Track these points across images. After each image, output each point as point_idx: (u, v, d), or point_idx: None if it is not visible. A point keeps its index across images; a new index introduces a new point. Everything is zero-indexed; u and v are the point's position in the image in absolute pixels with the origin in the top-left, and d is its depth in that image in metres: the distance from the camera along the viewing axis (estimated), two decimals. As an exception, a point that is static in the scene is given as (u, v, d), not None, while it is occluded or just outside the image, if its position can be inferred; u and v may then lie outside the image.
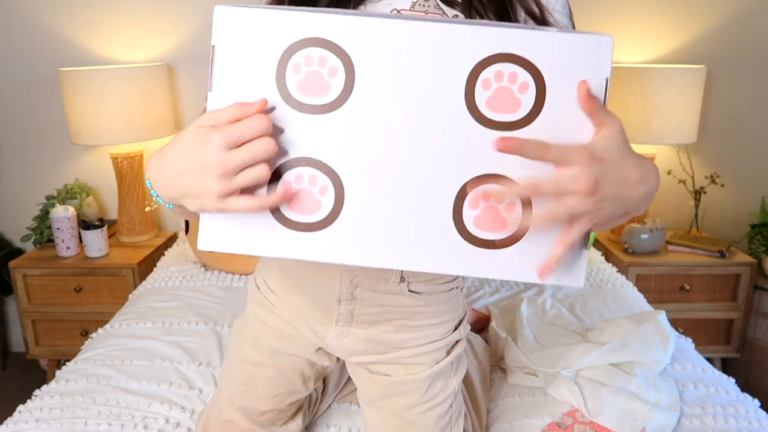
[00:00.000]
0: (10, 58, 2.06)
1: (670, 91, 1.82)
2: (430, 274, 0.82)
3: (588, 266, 1.83)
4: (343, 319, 0.84)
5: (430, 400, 0.86)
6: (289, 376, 0.91)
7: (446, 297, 0.86)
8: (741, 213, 2.20)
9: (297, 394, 0.94)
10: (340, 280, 0.80)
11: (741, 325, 1.98)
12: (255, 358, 0.91)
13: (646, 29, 2.05)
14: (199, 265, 1.80)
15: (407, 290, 0.82)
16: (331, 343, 0.86)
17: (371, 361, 0.87)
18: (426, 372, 0.85)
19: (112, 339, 1.36)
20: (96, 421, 1.06)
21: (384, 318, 0.84)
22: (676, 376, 1.22)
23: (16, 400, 1.30)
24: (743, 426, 1.07)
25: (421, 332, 0.85)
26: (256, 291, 0.92)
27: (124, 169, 1.99)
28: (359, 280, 0.80)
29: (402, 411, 0.87)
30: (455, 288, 0.87)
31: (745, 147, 2.14)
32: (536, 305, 1.46)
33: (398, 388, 0.86)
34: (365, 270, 0.79)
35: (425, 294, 0.83)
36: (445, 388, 0.87)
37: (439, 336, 0.86)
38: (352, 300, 0.82)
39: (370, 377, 0.89)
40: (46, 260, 1.93)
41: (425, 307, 0.84)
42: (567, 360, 1.18)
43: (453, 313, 0.88)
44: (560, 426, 1.06)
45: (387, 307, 0.83)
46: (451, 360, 0.87)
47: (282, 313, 0.88)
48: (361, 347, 0.86)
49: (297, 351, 0.90)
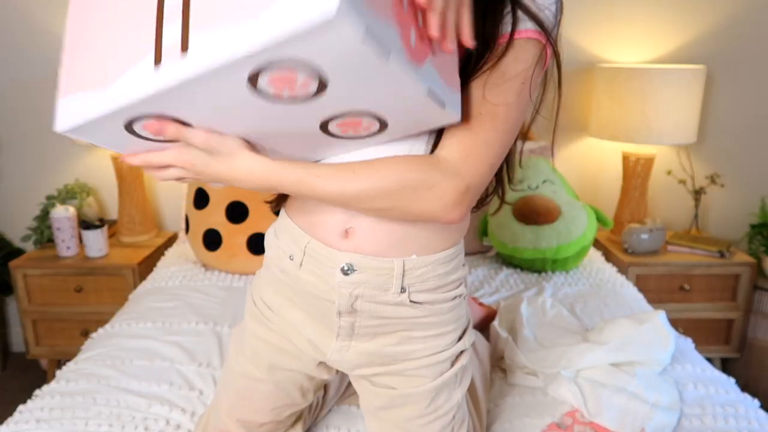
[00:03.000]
0: (10, 58, 2.06)
1: (670, 91, 1.82)
2: (432, 284, 0.80)
3: (588, 266, 1.83)
4: (344, 332, 0.82)
5: (433, 412, 0.85)
6: (288, 390, 0.91)
7: (449, 306, 0.83)
8: (741, 213, 2.20)
9: (296, 407, 0.94)
10: (340, 293, 0.78)
11: (741, 325, 1.98)
12: (253, 373, 0.90)
13: (646, 29, 2.05)
14: (199, 265, 1.80)
15: (408, 300, 0.79)
16: (333, 358, 0.85)
17: (374, 374, 0.86)
18: (430, 384, 0.83)
19: (112, 339, 1.36)
20: (96, 421, 1.06)
21: (385, 330, 0.82)
22: (676, 376, 1.22)
23: (16, 400, 1.30)
24: (743, 426, 1.07)
25: (425, 343, 0.83)
26: (253, 306, 0.91)
27: (124, 169, 1.99)
28: (359, 292, 0.78)
29: (404, 423, 0.86)
30: (458, 297, 0.84)
31: (745, 147, 2.14)
32: (536, 305, 1.46)
33: (401, 400, 0.85)
34: (365, 282, 0.77)
35: (427, 304, 0.80)
36: (449, 400, 0.86)
37: (443, 347, 0.84)
38: (353, 312, 0.80)
39: (372, 389, 0.88)
40: (46, 260, 1.93)
41: (428, 317, 0.81)
42: (567, 360, 1.18)
43: (456, 323, 0.85)
44: (560, 426, 1.06)
45: (388, 318, 0.80)
46: (456, 371, 0.85)
47: (280, 329, 0.87)
48: (363, 360, 0.84)
49: (296, 366, 0.89)
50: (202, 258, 1.77)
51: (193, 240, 1.78)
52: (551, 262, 1.75)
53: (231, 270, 1.75)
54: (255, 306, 0.91)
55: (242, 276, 1.74)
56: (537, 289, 1.64)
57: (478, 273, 1.77)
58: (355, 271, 0.76)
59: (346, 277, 0.77)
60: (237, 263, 1.73)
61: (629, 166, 2.01)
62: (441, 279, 0.80)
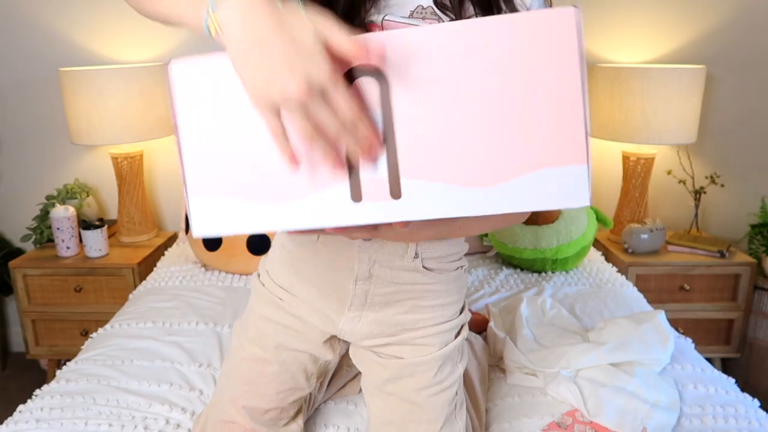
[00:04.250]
0: (10, 58, 2.06)
1: (670, 91, 1.82)
2: (440, 252, 0.86)
3: (588, 266, 1.83)
4: (357, 301, 0.86)
5: (439, 383, 0.88)
6: (293, 372, 0.93)
7: (454, 276, 0.89)
8: (741, 213, 2.20)
9: (300, 391, 0.95)
10: (359, 258, 0.83)
11: (741, 325, 1.98)
12: (259, 355, 0.92)
13: (646, 29, 2.05)
14: (199, 265, 1.80)
15: (421, 266, 0.85)
16: (344, 329, 0.88)
17: (383, 344, 0.89)
18: (436, 353, 0.87)
19: (112, 339, 1.36)
20: (96, 421, 1.06)
21: (397, 298, 0.86)
22: (675, 376, 1.22)
23: (16, 400, 1.30)
24: (743, 426, 1.07)
25: (432, 312, 0.88)
26: (261, 288, 0.94)
27: (124, 169, 1.99)
28: (377, 257, 0.83)
29: (411, 394, 0.88)
30: (460, 268, 0.91)
31: (745, 147, 2.14)
32: (536, 305, 1.46)
33: (408, 369, 0.88)
34: (383, 246, 0.82)
35: (436, 271, 0.86)
36: (453, 372, 0.90)
37: (447, 317, 0.89)
38: (369, 278, 0.84)
39: (379, 361, 0.90)
40: (46, 260, 1.93)
41: (436, 284, 0.87)
42: (567, 360, 1.18)
43: (458, 295, 0.91)
44: (560, 426, 1.06)
45: (401, 285, 0.85)
46: (458, 344, 0.90)
47: (290, 306, 0.90)
48: (374, 330, 0.88)
49: (303, 346, 0.92)
50: (202, 258, 1.77)
51: (193, 240, 1.78)
52: (551, 262, 1.75)
53: (231, 270, 1.75)
54: (263, 286, 0.93)
55: (242, 276, 1.74)
56: (537, 289, 1.64)
57: (478, 273, 1.77)
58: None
59: (366, 242, 0.82)
60: (237, 263, 1.73)
61: (629, 166, 2.01)
62: (447, 249, 0.87)
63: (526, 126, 0.52)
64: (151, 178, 2.18)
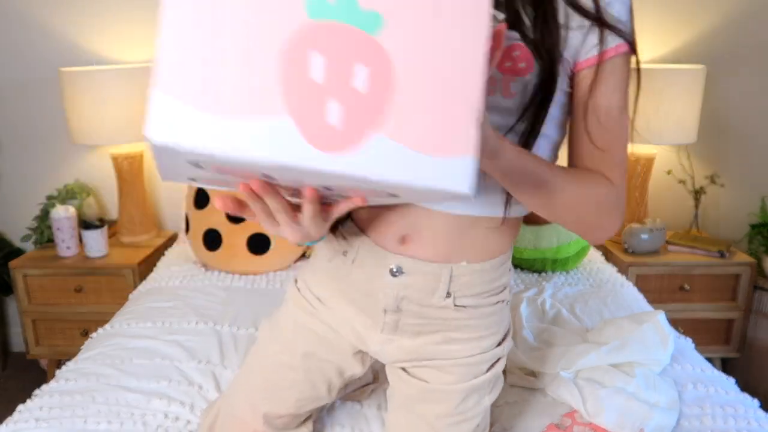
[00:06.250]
0: (10, 58, 2.06)
1: (670, 91, 1.82)
2: (478, 289, 0.80)
3: (588, 266, 1.83)
4: (389, 327, 0.83)
5: (461, 413, 0.85)
6: (315, 382, 0.91)
7: (492, 310, 0.83)
8: (741, 213, 2.20)
9: (318, 401, 0.93)
10: (385, 293, 0.80)
11: (741, 325, 1.98)
12: (285, 360, 0.90)
13: (646, 29, 2.05)
14: (199, 265, 1.80)
15: (453, 305, 0.80)
16: (374, 349, 0.86)
17: (412, 365, 0.87)
18: (462, 385, 0.84)
19: (112, 339, 1.36)
20: (95, 419, 1.07)
21: (429, 329, 0.83)
22: (675, 376, 1.21)
23: (16, 400, 1.30)
24: (743, 426, 1.07)
25: (467, 345, 0.83)
26: (297, 294, 0.91)
27: (124, 169, 1.99)
28: (405, 293, 0.79)
29: (432, 419, 0.85)
30: (501, 302, 0.84)
31: (745, 147, 2.14)
32: (536, 305, 1.46)
33: (432, 395, 0.85)
34: (411, 284, 0.79)
35: (471, 308, 0.81)
36: (478, 404, 0.86)
37: (482, 349, 0.84)
38: (398, 311, 0.81)
39: (404, 378, 0.88)
40: (46, 260, 1.93)
41: (471, 320, 0.82)
42: (566, 360, 1.18)
43: (497, 327, 0.85)
44: (559, 427, 1.06)
45: (432, 319, 0.81)
46: (490, 377, 0.85)
47: (324, 317, 0.88)
48: (403, 356, 0.85)
49: (332, 357, 0.89)
50: (202, 258, 1.77)
51: (193, 240, 1.78)
52: (551, 262, 1.75)
53: (231, 270, 1.75)
54: (299, 293, 0.91)
55: (242, 276, 1.74)
56: (537, 289, 1.64)
57: (478, 273, 1.77)
58: (404, 273, 0.78)
59: (393, 278, 0.79)
60: (237, 263, 1.73)
61: (629, 166, 2.01)
62: (487, 285, 0.81)
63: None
64: (152, 178, 2.18)
